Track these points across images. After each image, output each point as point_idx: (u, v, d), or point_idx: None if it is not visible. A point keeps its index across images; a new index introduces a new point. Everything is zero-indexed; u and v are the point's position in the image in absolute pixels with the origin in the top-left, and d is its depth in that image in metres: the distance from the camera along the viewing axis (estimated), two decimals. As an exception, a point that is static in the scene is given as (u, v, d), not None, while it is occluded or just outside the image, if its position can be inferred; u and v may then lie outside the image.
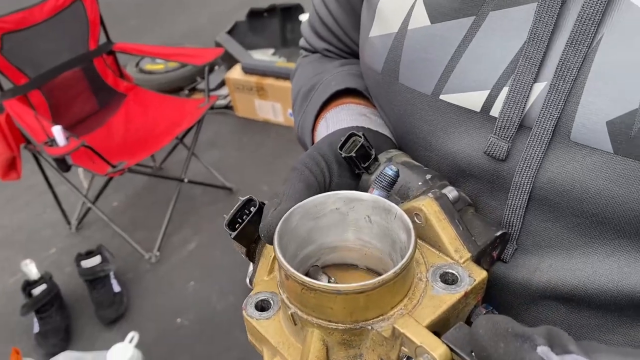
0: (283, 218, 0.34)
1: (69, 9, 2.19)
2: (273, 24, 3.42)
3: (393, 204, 0.34)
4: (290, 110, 2.83)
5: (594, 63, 0.31)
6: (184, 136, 2.40)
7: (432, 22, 0.38)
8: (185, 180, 2.27)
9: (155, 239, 2.23)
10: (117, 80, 2.41)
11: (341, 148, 0.38)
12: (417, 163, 0.40)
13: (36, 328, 1.92)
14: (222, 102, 3.09)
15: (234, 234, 0.37)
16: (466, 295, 0.33)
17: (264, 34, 3.42)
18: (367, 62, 0.45)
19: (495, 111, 0.35)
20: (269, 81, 2.78)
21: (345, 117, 0.47)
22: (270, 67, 2.78)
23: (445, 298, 0.32)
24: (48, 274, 1.99)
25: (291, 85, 0.64)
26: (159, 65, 3.28)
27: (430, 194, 0.36)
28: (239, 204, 0.37)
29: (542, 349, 0.24)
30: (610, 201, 0.32)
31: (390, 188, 0.37)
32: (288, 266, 0.31)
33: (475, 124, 0.37)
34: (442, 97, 0.38)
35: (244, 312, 0.36)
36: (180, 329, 1.94)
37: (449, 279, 0.33)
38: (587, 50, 0.31)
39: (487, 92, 0.36)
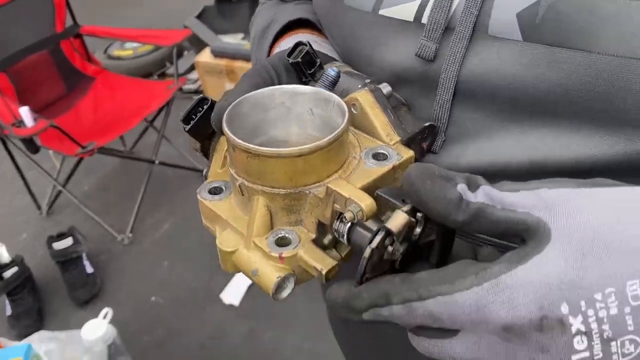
0: (233, 104, 0.37)
1: (33, -9, 2.17)
2: (242, 9, 3.42)
3: (332, 94, 0.38)
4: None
5: None
6: (153, 119, 2.41)
7: None
8: (156, 162, 2.28)
9: (128, 221, 2.23)
10: (85, 64, 2.40)
11: (289, 55, 0.42)
12: (358, 72, 0.44)
13: (8, 311, 1.91)
14: (191, 86, 3.09)
15: (188, 127, 0.40)
16: (394, 168, 0.37)
17: (233, 19, 3.43)
18: None
19: (425, 18, 0.39)
20: (239, 64, 2.78)
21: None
22: (240, 50, 2.79)
23: (375, 170, 0.36)
24: (19, 257, 1.98)
25: (250, 32, 0.67)
26: (127, 51, 3.26)
27: (365, 87, 0.40)
28: (193, 102, 0.40)
29: (461, 187, 0.28)
30: (522, 84, 0.36)
31: (332, 87, 0.40)
32: (234, 137, 0.34)
33: (409, 33, 0.41)
34: (381, 12, 0.42)
35: (198, 195, 0.39)
36: (155, 307, 1.96)
37: (379, 157, 0.37)
38: None
39: (418, 2, 0.40)
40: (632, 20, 0.31)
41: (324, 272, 0.33)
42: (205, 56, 2.91)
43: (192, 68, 3.16)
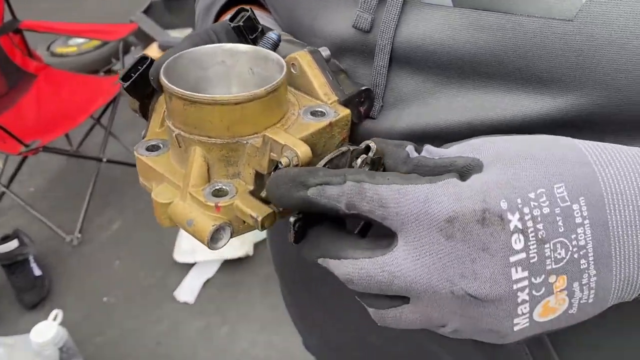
0: (172, 57, 0.37)
1: (-33, -15, 2.08)
2: (190, 3, 3.37)
3: (272, 52, 0.38)
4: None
5: None
6: (100, 116, 2.36)
7: None
8: (104, 160, 2.23)
9: (77, 222, 2.18)
10: (26, 60, 2.32)
11: (231, 20, 0.42)
12: (298, 40, 0.45)
13: (-48, 318, 1.84)
14: (140, 82, 3.03)
15: (126, 84, 0.40)
16: (331, 125, 0.38)
17: (181, 14, 3.38)
18: None
19: None
20: (187, 59, 2.76)
21: None
22: (188, 45, 2.76)
23: (312, 124, 0.37)
24: (-39, 261, 1.91)
25: (195, 12, 0.67)
26: (71, 48, 3.17)
27: (305, 49, 0.40)
28: (133, 61, 0.40)
29: (409, 148, 0.32)
30: (453, 49, 0.37)
31: (274, 50, 0.41)
32: (171, 85, 0.34)
33: (347, 4, 0.42)
34: None
35: (135, 152, 0.39)
36: (108, 307, 1.92)
37: (317, 114, 0.38)
38: None
39: None
40: None
41: (259, 220, 0.33)
42: (152, 51, 2.86)
43: (139, 64, 3.10)
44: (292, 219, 0.32)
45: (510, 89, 0.37)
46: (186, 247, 1.98)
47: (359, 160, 0.32)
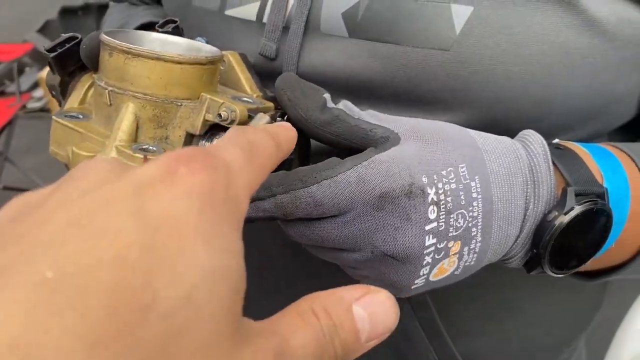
0: (109, 30, 0.37)
1: None
2: (89, 23, 3.28)
3: (205, 44, 0.40)
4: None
5: None
6: (-6, 141, 2.22)
7: None
8: (2, 186, 2.10)
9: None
10: None
11: (160, 26, 0.43)
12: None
13: None
14: (36, 104, 2.88)
15: (52, 54, 0.39)
16: (257, 110, 0.39)
17: (78, 32, 3.26)
18: None
19: (266, 18, 0.44)
20: (89, 79, 2.67)
21: None
22: (89, 65, 2.68)
23: (248, 107, 0.38)
24: None
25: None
26: (-44, 69, 2.97)
27: (234, 51, 0.43)
28: (63, 36, 0.39)
29: (327, 95, 0.35)
30: (350, 74, 0.42)
31: None
32: (114, 40, 0.34)
33: (253, 32, 0.45)
34: (226, 12, 0.46)
35: (54, 117, 0.38)
36: None
37: (244, 101, 0.39)
38: None
39: (258, 3, 0.44)
40: (424, 17, 0.39)
41: None
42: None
43: (35, 85, 2.96)
44: None
45: (402, 107, 0.42)
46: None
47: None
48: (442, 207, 0.31)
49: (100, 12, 3.25)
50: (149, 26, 0.57)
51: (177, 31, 0.44)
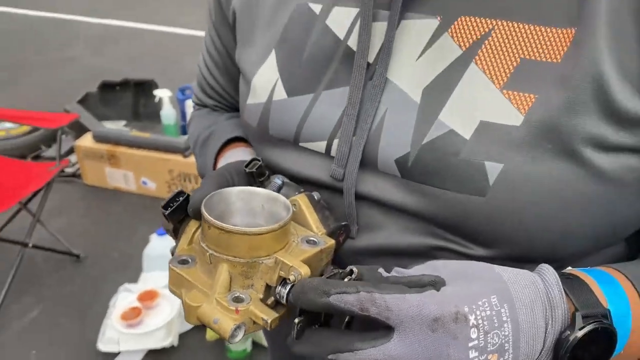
0: (208, 196, 0.49)
1: None
2: (126, 97, 3.49)
3: (280, 195, 0.52)
4: (143, 179, 2.88)
5: (384, 125, 0.52)
6: (27, 202, 2.34)
7: (288, 96, 0.58)
8: (30, 245, 2.19)
9: (-9, 309, 2.08)
10: (-45, 142, 2.30)
11: (246, 166, 0.56)
12: (294, 183, 0.58)
13: None
14: (69, 169, 3.03)
15: (167, 212, 0.52)
16: (321, 251, 0.51)
17: (115, 107, 3.47)
18: (246, 120, 0.63)
19: (333, 152, 0.55)
20: (121, 149, 2.82)
21: (240, 155, 0.66)
22: (125, 136, 2.84)
23: (308, 250, 0.50)
24: None
25: (188, 133, 0.83)
26: (-1, 132, 3.15)
27: (303, 193, 0.55)
28: (171, 194, 0.53)
29: (380, 270, 0.44)
30: (402, 205, 0.52)
31: (278, 191, 0.55)
32: (211, 218, 0.46)
33: (322, 160, 0.57)
34: (300, 144, 0.58)
35: (170, 265, 0.49)
36: (20, 400, 1.82)
37: (311, 242, 0.51)
38: (373, 118, 0.52)
39: (325, 142, 0.56)
40: (463, 170, 0.47)
41: (269, 321, 0.45)
42: (86, 140, 2.91)
43: (68, 152, 3.12)
44: (296, 320, 0.43)
45: (446, 239, 0.52)
46: (111, 335, 1.94)
47: (346, 280, 0.43)
48: (480, 328, 0.40)
49: (136, 87, 3.47)
50: (236, 139, 0.70)
51: (260, 169, 0.57)
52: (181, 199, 0.53)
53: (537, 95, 0.46)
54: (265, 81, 0.60)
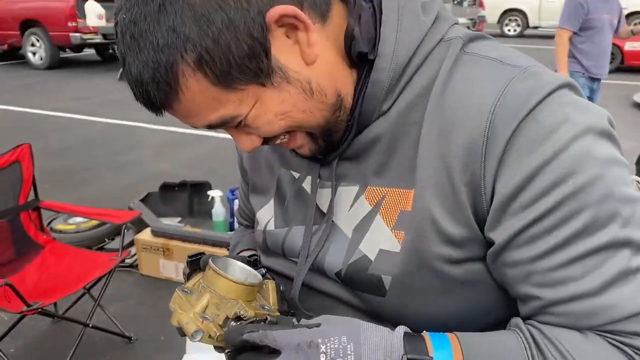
0: (216, 257, 0.77)
1: (7, 169, 2.53)
2: (182, 197, 3.88)
3: (258, 274, 0.80)
4: (192, 270, 3.17)
5: (329, 250, 0.77)
6: (91, 287, 2.64)
7: (275, 228, 0.87)
8: (90, 325, 2.47)
9: (52, 383, 2.32)
10: (38, 234, 2.68)
11: (249, 257, 0.87)
12: (270, 274, 0.88)
13: None
14: (128, 260, 3.37)
15: (190, 259, 0.80)
16: (269, 315, 0.75)
17: (173, 205, 3.85)
18: (256, 237, 0.95)
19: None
20: (175, 243, 3.15)
21: (248, 253, 0.96)
22: (178, 231, 3.18)
23: (261, 311, 0.75)
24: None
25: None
26: (70, 226, 3.55)
27: (274, 281, 0.83)
28: (197, 252, 0.81)
29: (294, 319, 0.74)
30: (337, 295, 0.79)
31: (263, 276, 0.83)
32: (211, 263, 0.73)
33: (292, 266, 0.85)
34: (286, 255, 0.87)
35: (177, 289, 0.76)
36: None
37: (265, 308, 0.76)
38: (323, 244, 0.78)
39: (297, 257, 0.83)
40: (369, 281, 0.74)
41: (216, 337, 0.70)
42: (145, 235, 3.26)
43: (129, 245, 3.47)
44: (226, 351, 0.70)
45: (366, 318, 0.73)
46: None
47: (262, 324, 0.71)
48: (328, 355, 0.62)
49: (193, 189, 3.87)
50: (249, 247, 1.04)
51: (256, 261, 0.88)
52: (200, 256, 0.81)
53: (404, 232, 0.71)
54: (264, 215, 0.91)
